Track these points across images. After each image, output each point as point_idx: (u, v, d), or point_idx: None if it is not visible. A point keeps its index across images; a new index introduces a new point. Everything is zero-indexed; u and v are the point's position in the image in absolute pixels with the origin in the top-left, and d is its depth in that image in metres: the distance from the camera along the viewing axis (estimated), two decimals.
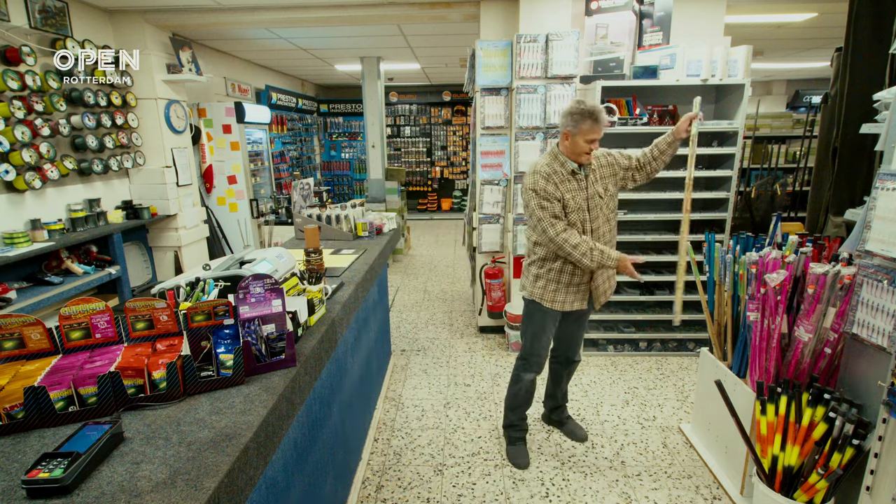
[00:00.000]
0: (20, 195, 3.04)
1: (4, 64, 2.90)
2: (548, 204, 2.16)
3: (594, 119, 2.09)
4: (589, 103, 2.13)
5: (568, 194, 2.18)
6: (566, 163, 2.20)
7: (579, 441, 2.65)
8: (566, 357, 2.58)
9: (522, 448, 2.51)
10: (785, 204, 4.41)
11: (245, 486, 1.01)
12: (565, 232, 2.15)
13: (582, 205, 2.20)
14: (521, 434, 2.55)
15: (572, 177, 2.20)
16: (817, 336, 1.89)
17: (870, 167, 2.66)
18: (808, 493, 1.75)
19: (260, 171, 6.10)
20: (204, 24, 3.99)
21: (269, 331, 1.36)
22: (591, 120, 2.09)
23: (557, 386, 2.69)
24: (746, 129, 4.06)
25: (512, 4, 3.64)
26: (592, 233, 2.23)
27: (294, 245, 2.81)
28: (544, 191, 2.16)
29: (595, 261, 2.13)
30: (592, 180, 2.24)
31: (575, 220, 2.21)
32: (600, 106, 2.16)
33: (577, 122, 2.10)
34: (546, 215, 2.18)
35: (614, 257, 2.14)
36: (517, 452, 2.49)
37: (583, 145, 2.13)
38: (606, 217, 2.28)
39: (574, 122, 2.12)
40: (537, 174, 2.20)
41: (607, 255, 2.14)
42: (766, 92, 8.81)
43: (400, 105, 9.86)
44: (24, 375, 1.13)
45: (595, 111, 2.10)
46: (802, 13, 4.31)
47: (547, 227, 2.18)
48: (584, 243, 2.14)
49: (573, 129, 2.13)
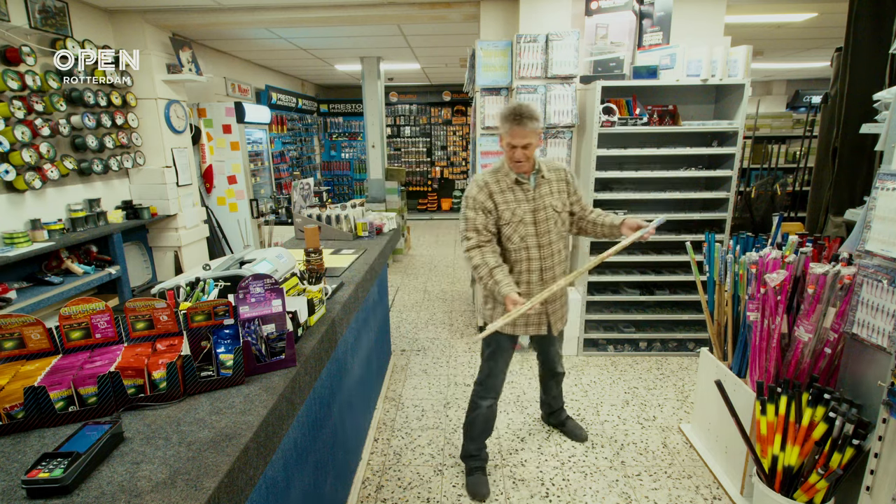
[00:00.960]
0: (20, 195, 3.04)
1: (4, 64, 2.90)
2: (472, 214, 2.00)
3: (513, 121, 1.88)
4: (515, 103, 1.92)
5: (505, 205, 2.00)
6: (509, 172, 2.02)
7: (580, 441, 2.62)
8: (550, 369, 2.53)
9: (482, 478, 2.29)
10: (785, 204, 4.40)
11: (245, 486, 1.01)
12: (474, 249, 1.99)
13: (525, 217, 2.01)
14: (481, 464, 2.33)
15: (516, 186, 2.02)
16: (817, 336, 1.89)
17: (870, 167, 2.66)
18: (808, 493, 1.75)
19: (260, 171, 6.10)
20: (204, 24, 3.99)
21: (269, 331, 1.36)
22: (510, 122, 1.88)
23: (547, 393, 2.65)
24: (746, 129, 4.06)
25: (512, 4, 3.63)
26: (542, 249, 2.05)
27: (294, 245, 2.81)
28: (473, 199, 2.01)
29: (487, 287, 1.98)
30: (546, 192, 2.05)
31: (510, 234, 2.02)
32: (530, 106, 1.91)
33: (502, 124, 1.93)
34: (466, 226, 2.02)
35: (503, 292, 1.91)
36: (476, 482, 2.26)
37: (507, 150, 1.96)
38: (560, 233, 2.10)
39: (500, 123, 1.94)
40: (473, 182, 2.05)
41: (499, 290, 1.93)
42: (766, 92, 8.81)
43: (400, 105, 9.85)
44: (24, 375, 1.13)
45: (514, 113, 1.88)
46: (802, 13, 4.31)
47: (462, 239, 2.03)
48: (483, 266, 1.96)
49: (501, 131, 1.96)
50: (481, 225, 2.00)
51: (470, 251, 2.02)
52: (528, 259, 2.06)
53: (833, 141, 2.85)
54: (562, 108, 3.40)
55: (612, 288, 3.73)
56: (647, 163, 3.60)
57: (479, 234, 2.00)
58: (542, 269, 2.07)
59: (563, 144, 3.48)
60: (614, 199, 3.50)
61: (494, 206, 2.00)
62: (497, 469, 2.44)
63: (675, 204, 3.70)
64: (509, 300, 1.90)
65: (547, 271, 2.09)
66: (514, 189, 2.01)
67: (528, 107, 1.90)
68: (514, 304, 1.88)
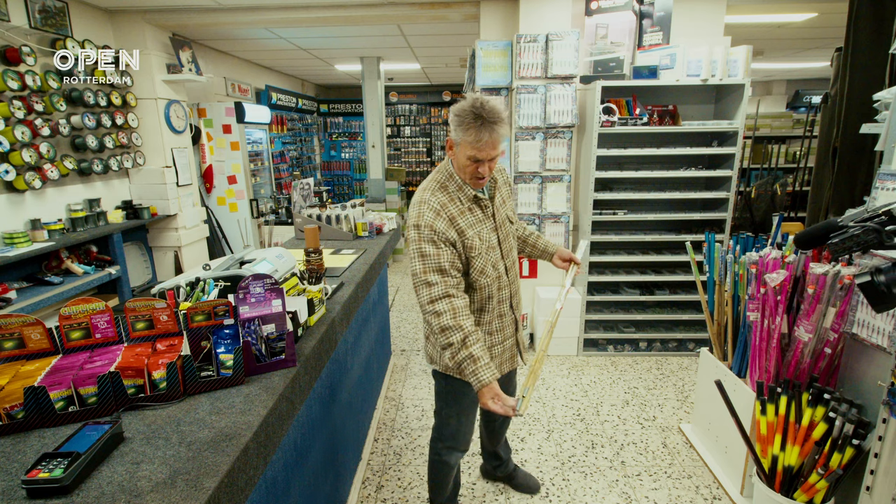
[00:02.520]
0: (20, 195, 3.04)
1: (4, 64, 2.90)
2: (431, 249, 1.47)
3: (481, 127, 1.39)
4: (475, 101, 1.41)
5: (471, 230, 1.53)
6: (464, 186, 1.54)
7: (534, 493, 2.24)
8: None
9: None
10: (785, 204, 4.41)
11: (245, 486, 1.01)
12: (441, 301, 1.45)
13: (492, 241, 1.60)
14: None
15: (475, 204, 1.57)
16: (817, 336, 1.89)
17: (870, 167, 2.66)
18: (808, 493, 1.75)
19: (260, 171, 6.10)
20: (204, 24, 3.99)
21: (269, 331, 1.36)
22: (477, 128, 1.39)
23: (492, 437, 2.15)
24: (746, 129, 4.06)
25: (512, 4, 3.63)
26: (509, 273, 1.69)
27: (294, 245, 2.81)
28: (430, 229, 1.48)
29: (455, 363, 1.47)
30: (499, 202, 1.66)
31: (483, 266, 1.56)
32: (496, 106, 1.42)
33: (459, 127, 1.44)
34: (424, 267, 1.48)
35: (482, 380, 1.43)
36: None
37: (466, 165, 1.47)
38: (515, 249, 1.79)
39: (456, 127, 1.45)
40: (423, 204, 1.52)
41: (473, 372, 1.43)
42: (766, 92, 8.80)
43: (400, 105, 9.85)
44: (24, 375, 1.13)
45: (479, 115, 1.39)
46: (802, 13, 4.31)
47: (419, 286, 1.48)
48: (454, 332, 1.43)
49: (455, 138, 1.48)
50: (447, 263, 1.48)
51: (434, 303, 1.46)
52: (499, 289, 1.66)
53: (833, 141, 2.85)
54: (562, 108, 3.40)
55: (612, 288, 3.73)
56: (647, 163, 3.60)
57: (446, 277, 1.48)
58: (512, 294, 1.73)
59: (563, 144, 3.48)
60: (614, 198, 3.50)
61: (459, 235, 1.51)
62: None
63: (675, 204, 3.70)
64: (489, 392, 1.41)
65: (515, 296, 1.75)
66: (472, 209, 1.57)
67: (494, 106, 1.42)
68: (493, 397, 1.40)
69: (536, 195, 3.56)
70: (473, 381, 1.43)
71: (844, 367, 1.85)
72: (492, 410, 1.41)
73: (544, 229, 3.60)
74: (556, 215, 3.58)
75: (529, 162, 3.50)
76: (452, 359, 1.47)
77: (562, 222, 3.59)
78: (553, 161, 3.51)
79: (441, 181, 1.57)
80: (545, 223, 3.59)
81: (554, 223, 3.59)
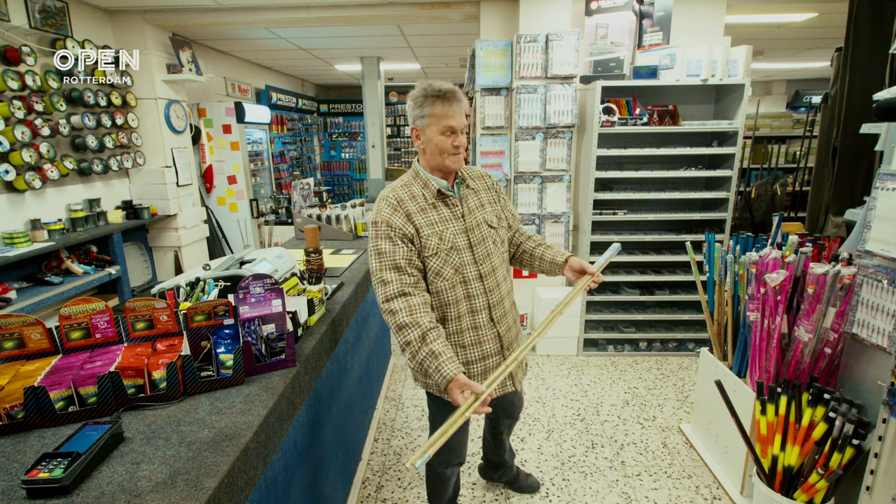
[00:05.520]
0: (20, 195, 3.04)
1: (4, 64, 2.90)
2: (387, 246, 1.44)
3: (444, 98, 1.44)
4: (427, 82, 1.49)
5: (429, 228, 1.48)
6: (429, 181, 1.52)
7: (533, 493, 2.25)
8: (510, 416, 1.99)
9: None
10: (785, 204, 4.41)
11: (245, 486, 1.01)
12: (397, 299, 1.41)
13: (457, 242, 1.51)
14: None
15: (441, 201, 1.52)
16: (817, 336, 1.89)
17: (870, 167, 2.66)
18: (808, 493, 1.75)
19: (260, 171, 6.10)
20: (204, 24, 3.99)
21: (269, 331, 1.36)
22: (441, 99, 1.44)
23: (499, 446, 2.11)
24: (746, 129, 4.06)
25: (512, 4, 3.64)
26: (484, 280, 1.55)
27: (294, 245, 2.81)
28: (387, 224, 1.46)
29: (417, 362, 1.40)
30: (475, 205, 1.58)
31: (440, 268, 1.49)
32: (450, 84, 1.49)
33: (422, 107, 1.47)
34: (381, 265, 1.44)
35: (445, 374, 1.32)
36: None
37: (440, 140, 1.47)
38: (501, 256, 1.63)
39: (419, 110, 1.48)
40: (381, 200, 1.51)
41: (436, 369, 1.34)
42: (766, 92, 8.80)
43: (400, 105, 9.85)
44: (24, 375, 1.13)
45: (437, 89, 1.45)
46: (802, 13, 4.31)
47: (376, 284, 1.46)
48: (411, 329, 1.38)
49: (421, 122, 1.49)
50: (403, 260, 1.44)
51: (390, 302, 1.42)
52: (467, 297, 1.54)
53: (833, 141, 2.85)
54: (562, 108, 3.40)
55: (612, 288, 3.73)
56: (647, 163, 3.61)
57: (402, 275, 1.44)
58: (490, 305, 1.57)
59: (563, 144, 3.48)
60: (614, 198, 3.50)
61: (416, 232, 1.47)
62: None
63: (675, 204, 3.70)
64: (455, 386, 1.29)
65: (496, 307, 1.59)
66: (437, 206, 1.52)
67: (445, 83, 1.47)
68: (462, 389, 1.28)
69: (536, 195, 3.56)
70: (438, 378, 1.34)
71: (844, 367, 1.85)
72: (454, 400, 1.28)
73: (544, 229, 3.60)
74: (556, 215, 3.58)
75: (529, 162, 3.50)
76: (413, 359, 1.40)
77: (562, 222, 3.59)
78: (553, 161, 3.51)
79: (406, 181, 1.57)
80: (545, 223, 3.60)
81: (554, 223, 3.59)
